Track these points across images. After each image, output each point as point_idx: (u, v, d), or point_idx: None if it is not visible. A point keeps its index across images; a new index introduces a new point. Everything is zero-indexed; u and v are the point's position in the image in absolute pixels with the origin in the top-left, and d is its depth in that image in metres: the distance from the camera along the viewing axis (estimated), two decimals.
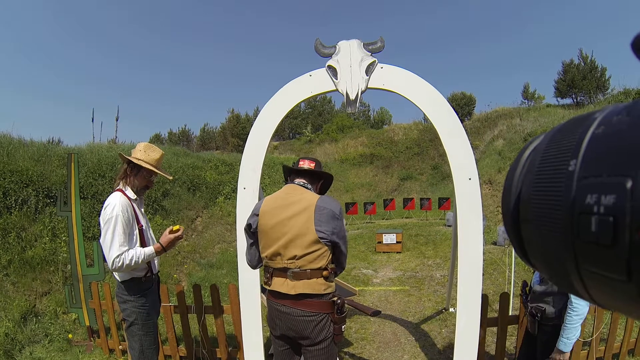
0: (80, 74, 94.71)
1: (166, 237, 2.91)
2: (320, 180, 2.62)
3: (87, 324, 4.76)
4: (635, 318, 0.30)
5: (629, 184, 0.26)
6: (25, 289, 5.55)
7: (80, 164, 7.93)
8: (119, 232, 2.70)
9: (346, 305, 2.56)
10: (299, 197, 2.39)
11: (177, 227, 2.97)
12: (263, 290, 3.08)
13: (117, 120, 18.56)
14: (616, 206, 0.27)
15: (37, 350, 4.71)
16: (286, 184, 2.61)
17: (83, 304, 4.71)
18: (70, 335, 4.99)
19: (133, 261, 2.72)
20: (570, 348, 2.54)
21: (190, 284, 6.97)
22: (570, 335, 2.50)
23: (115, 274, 2.92)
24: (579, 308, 2.45)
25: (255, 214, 2.46)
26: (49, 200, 6.98)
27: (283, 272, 2.35)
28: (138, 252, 2.77)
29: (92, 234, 7.01)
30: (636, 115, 0.29)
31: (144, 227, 2.98)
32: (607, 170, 0.28)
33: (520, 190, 0.38)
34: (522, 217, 0.37)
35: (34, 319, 5.18)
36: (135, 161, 2.92)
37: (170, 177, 3.30)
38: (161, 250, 2.90)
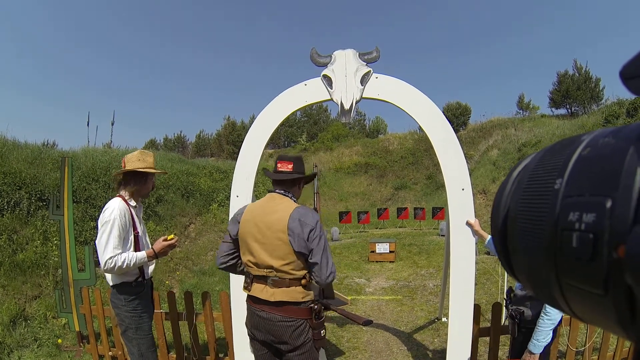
0: (77, 76, 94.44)
1: (159, 244, 2.98)
2: (300, 180, 2.60)
3: (77, 329, 4.71)
4: (611, 332, 0.31)
5: (608, 204, 0.28)
6: (15, 293, 5.50)
7: (75, 168, 7.90)
8: (114, 235, 2.77)
9: (337, 314, 2.54)
10: (277, 207, 2.42)
11: (171, 236, 3.04)
12: None
13: (112, 124, 18.57)
14: (596, 224, 0.28)
15: (26, 354, 4.66)
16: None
17: (73, 308, 4.67)
18: (59, 340, 4.93)
19: (125, 264, 2.77)
20: (540, 350, 2.67)
21: (182, 290, 6.92)
22: (540, 338, 2.63)
23: (107, 279, 2.98)
24: (552, 314, 2.59)
25: (237, 221, 2.50)
26: (41, 204, 6.94)
27: (262, 279, 2.39)
28: (130, 256, 2.83)
29: (84, 238, 6.97)
30: (621, 138, 0.30)
31: (139, 234, 3.04)
32: (590, 190, 0.30)
33: (509, 207, 0.39)
34: (510, 231, 0.39)
35: (23, 323, 5.12)
36: (143, 171, 3.01)
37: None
38: (153, 256, 2.96)
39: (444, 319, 5.58)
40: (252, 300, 2.47)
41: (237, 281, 3.27)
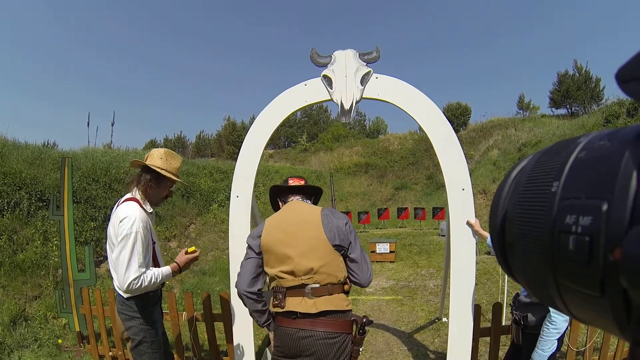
0: (78, 76, 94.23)
1: (183, 257, 2.75)
2: (312, 196, 2.55)
3: (77, 329, 4.71)
4: (609, 332, 0.31)
5: (604, 207, 0.28)
6: (15, 293, 5.50)
7: (75, 168, 7.90)
8: (138, 251, 2.44)
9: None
10: (302, 210, 2.30)
11: (192, 248, 2.84)
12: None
13: (112, 125, 18.58)
14: (592, 227, 0.29)
15: (26, 354, 4.65)
16: (275, 205, 2.55)
17: (73, 309, 4.67)
18: (60, 341, 4.93)
19: (152, 283, 2.51)
20: None
21: (182, 291, 6.93)
22: (545, 348, 2.56)
23: (119, 290, 2.66)
24: (557, 323, 2.51)
25: (257, 236, 2.28)
26: (41, 204, 6.94)
27: (299, 289, 2.15)
28: (156, 273, 2.55)
29: (84, 238, 6.97)
30: (617, 141, 0.30)
31: (156, 244, 2.80)
32: (586, 193, 0.30)
33: (507, 209, 0.40)
34: (507, 234, 0.39)
35: (24, 323, 5.13)
36: (159, 171, 2.65)
37: (187, 184, 3.18)
38: (177, 271, 2.72)
39: (444, 319, 5.58)
40: (285, 317, 2.18)
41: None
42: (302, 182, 2.48)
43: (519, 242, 0.37)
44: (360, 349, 2.23)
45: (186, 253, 2.78)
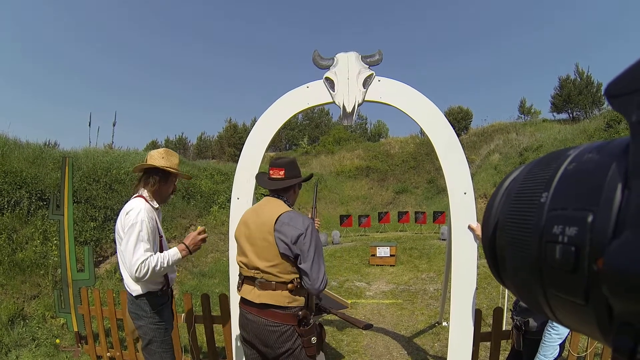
0: (80, 76, 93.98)
1: (190, 237, 2.80)
2: (293, 186, 2.58)
3: (76, 329, 4.70)
4: (594, 338, 0.32)
5: (590, 218, 0.29)
6: (14, 292, 5.49)
7: (75, 168, 7.90)
8: (144, 237, 2.54)
9: (337, 318, 2.46)
10: (267, 209, 2.44)
11: (199, 228, 2.88)
12: None
13: (114, 125, 18.58)
14: (578, 237, 0.30)
15: (24, 354, 4.64)
16: None
17: (72, 309, 4.65)
18: (57, 341, 4.92)
19: (159, 265, 2.55)
20: None
21: (181, 292, 6.91)
22: (548, 354, 2.54)
23: (130, 289, 2.71)
24: (559, 328, 2.49)
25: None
26: (41, 203, 6.95)
27: (251, 280, 2.40)
28: (163, 255, 2.61)
29: (84, 238, 6.96)
30: (604, 154, 0.32)
31: (163, 237, 2.87)
32: (573, 205, 0.31)
33: (499, 217, 0.41)
34: (499, 241, 0.41)
35: (22, 323, 5.12)
36: (167, 169, 2.79)
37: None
38: (186, 252, 2.75)
39: (444, 324, 5.56)
40: (242, 301, 2.48)
41: (236, 284, 3.25)
42: (282, 173, 2.51)
43: (509, 249, 0.38)
44: (313, 339, 2.37)
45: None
